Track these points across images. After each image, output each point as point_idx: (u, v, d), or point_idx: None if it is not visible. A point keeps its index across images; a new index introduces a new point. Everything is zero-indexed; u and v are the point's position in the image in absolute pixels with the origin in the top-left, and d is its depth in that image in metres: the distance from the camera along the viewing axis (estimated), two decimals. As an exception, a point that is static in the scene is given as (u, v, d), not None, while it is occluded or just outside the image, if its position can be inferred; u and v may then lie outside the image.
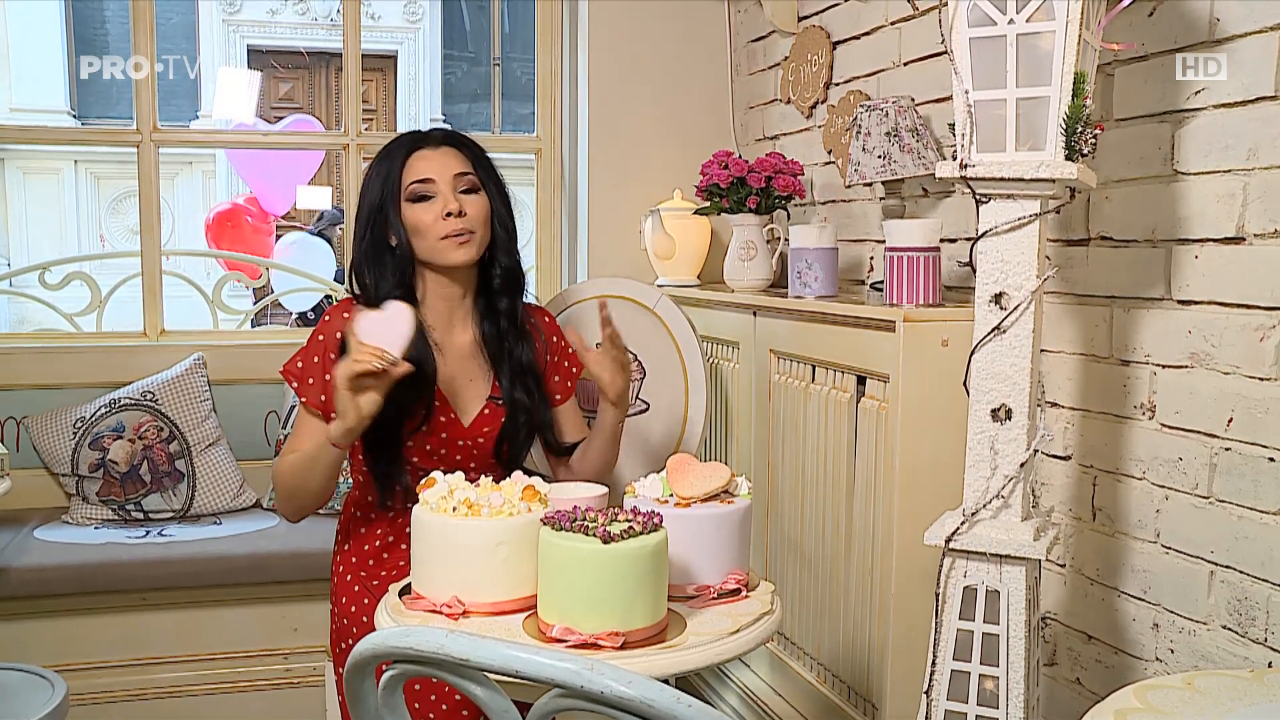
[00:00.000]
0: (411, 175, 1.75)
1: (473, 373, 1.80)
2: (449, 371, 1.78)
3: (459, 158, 1.77)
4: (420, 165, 1.75)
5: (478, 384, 1.80)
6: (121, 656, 2.61)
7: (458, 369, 1.79)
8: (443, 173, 1.74)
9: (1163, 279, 1.66)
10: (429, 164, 1.75)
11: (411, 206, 1.74)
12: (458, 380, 1.79)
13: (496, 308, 1.81)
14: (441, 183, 1.74)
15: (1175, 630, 1.64)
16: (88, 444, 2.83)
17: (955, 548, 1.49)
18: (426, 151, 1.76)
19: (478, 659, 0.87)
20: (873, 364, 1.95)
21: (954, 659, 1.50)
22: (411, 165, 1.75)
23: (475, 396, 1.80)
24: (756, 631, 1.37)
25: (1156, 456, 1.68)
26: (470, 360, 1.81)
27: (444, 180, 1.74)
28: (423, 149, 1.77)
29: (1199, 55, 1.58)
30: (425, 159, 1.76)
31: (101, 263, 6.02)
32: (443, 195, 1.73)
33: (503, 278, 1.81)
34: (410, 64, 10.04)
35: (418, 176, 1.74)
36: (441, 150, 1.77)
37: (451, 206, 1.72)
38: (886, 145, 2.20)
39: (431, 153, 1.76)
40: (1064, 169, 1.39)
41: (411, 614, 1.37)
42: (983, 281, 1.47)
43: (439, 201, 1.73)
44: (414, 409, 1.72)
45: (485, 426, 1.79)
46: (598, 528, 1.25)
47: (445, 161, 1.76)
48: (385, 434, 1.71)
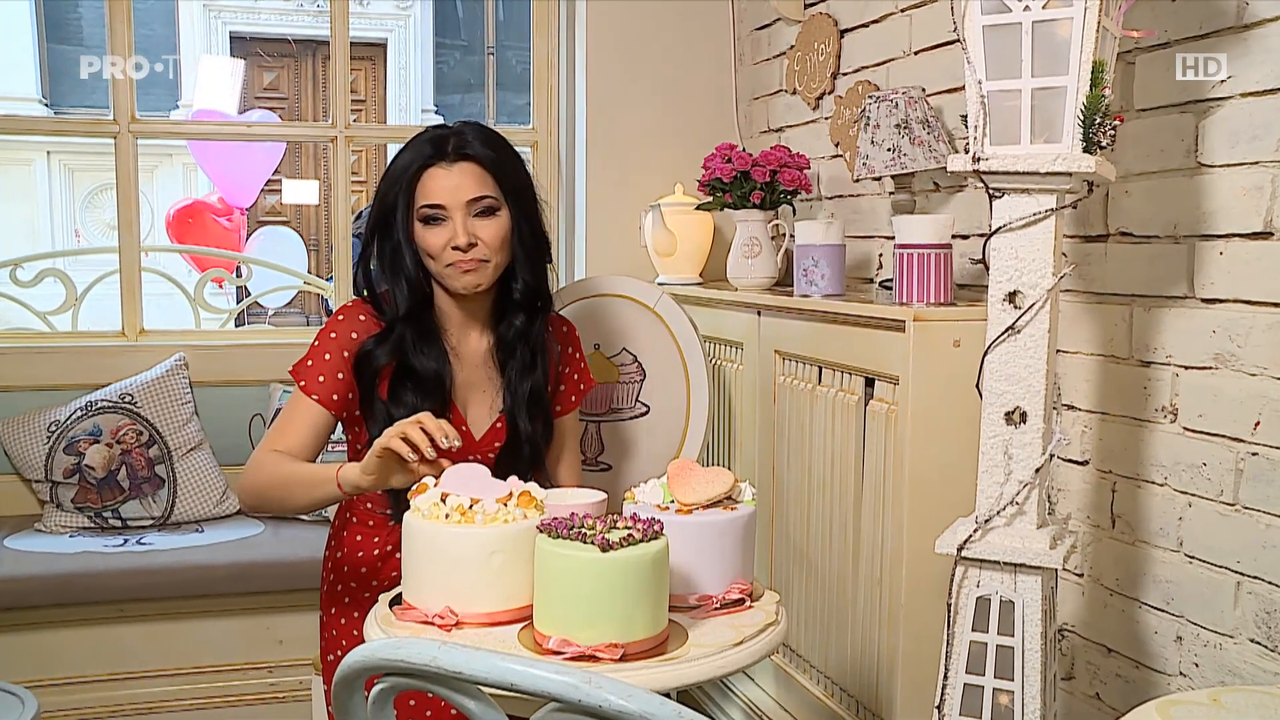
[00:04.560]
0: (422, 197, 1.70)
1: (485, 382, 1.81)
2: (463, 379, 1.78)
3: (475, 177, 1.70)
4: (432, 187, 1.70)
5: (489, 395, 1.81)
6: (97, 671, 2.61)
7: (473, 376, 1.80)
8: (455, 197, 1.69)
9: (1185, 276, 1.66)
10: (441, 186, 1.69)
11: (423, 228, 1.71)
12: (472, 389, 1.80)
13: (513, 322, 1.80)
14: (453, 209, 1.69)
15: (1200, 644, 1.65)
16: (62, 449, 2.83)
17: (968, 556, 1.49)
18: (440, 169, 1.70)
19: (471, 672, 0.87)
20: (882, 365, 1.95)
21: (967, 672, 1.50)
22: (424, 185, 1.70)
23: (487, 408, 1.80)
24: (761, 643, 1.37)
25: (1179, 462, 1.68)
26: (483, 368, 1.81)
27: (455, 206, 1.69)
28: (436, 166, 1.70)
29: (1224, 41, 1.58)
30: (438, 179, 1.70)
31: (77, 259, 6.03)
32: (453, 222, 1.69)
33: (523, 294, 1.78)
34: (400, 53, 10.03)
35: (428, 200, 1.69)
36: (457, 169, 1.70)
37: (459, 240, 1.68)
38: (896, 138, 2.20)
39: (445, 171, 1.70)
40: (1081, 162, 1.39)
41: (402, 625, 1.37)
42: (996, 279, 1.47)
43: (448, 228, 1.69)
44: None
45: (496, 442, 1.79)
46: (596, 535, 1.26)
47: (459, 184, 1.69)
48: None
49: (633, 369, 2.42)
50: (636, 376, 2.42)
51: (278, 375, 2.99)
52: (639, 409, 2.42)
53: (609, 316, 2.42)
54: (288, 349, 2.62)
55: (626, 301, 2.43)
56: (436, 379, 1.73)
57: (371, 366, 1.72)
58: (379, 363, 1.73)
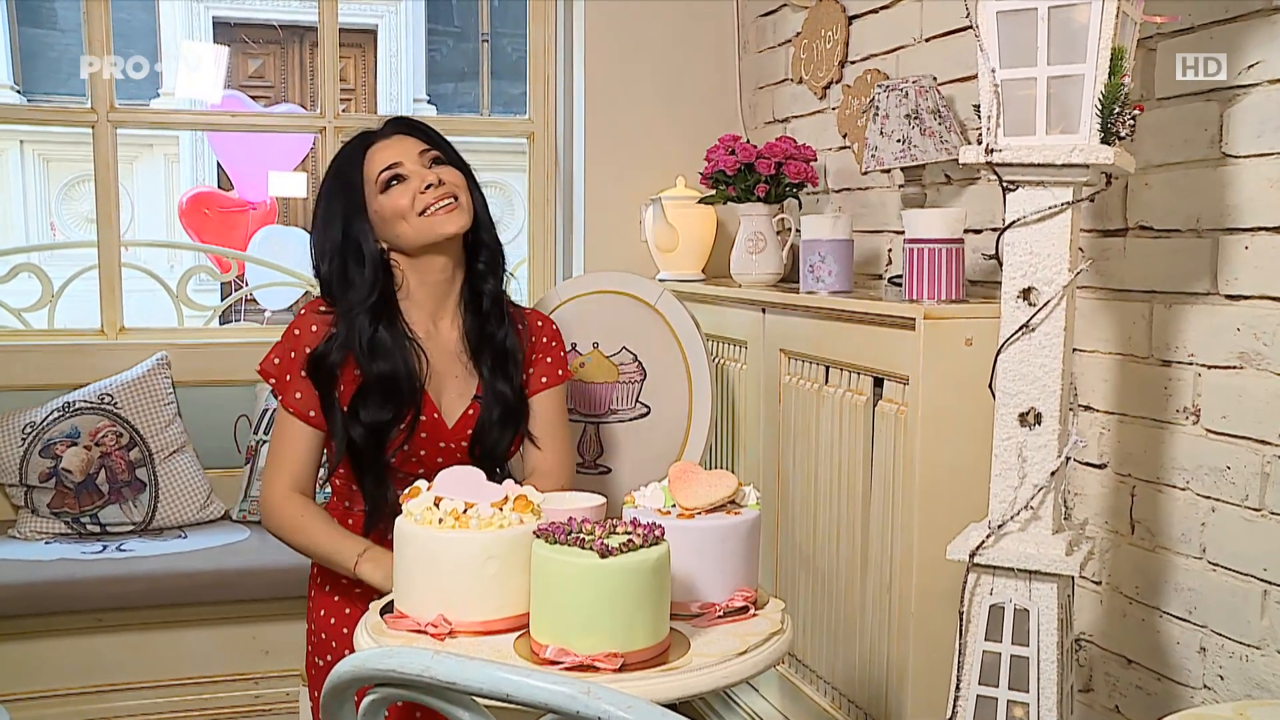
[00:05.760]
0: (375, 166, 1.78)
1: (458, 370, 1.82)
2: (434, 369, 1.79)
3: (416, 141, 1.81)
4: (381, 155, 1.79)
5: (462, 382, 1.82)
6: (75, 684, 2.61)
7: (444, 366, 1.81)
8: (407, 153, 1.78)
9: (1208, 272, 1.67)
10: (390, 151, 1.79)
11: (385, 195, 1.76)
12: (445, 378, 1.81)
13: (481, 291, 1.84)
14: (409, 162, 1.78)
15: (1225, 655, 1.65)
16: (38, 451, 2.83)
17: (980, 563, 1.49)
18: (381, 143, 1.81)
19: (465, 682, 0.87)
20: (891, 364, 1.95)
21: (979, 684, 1.50)
22: (371, 159, 1.79)
23: (460, 395, 1.81)
24: (765, 653, 1.37)
25: (1201, 465, 1.68)
26: (456, 357, 1.82)
27: (410, 159, 1.78)
28: (376, 142, 1.81)
29: (1252, 26, 1.58)
30: (383, 149, 1.79)
31: (53, 254, 6.04)
32: (415, 172, 1.77)
33: (487, 257, 1.85)
34: (391, 40, 10.04)
35: (383, 165, 1.78)
36: (395, 138, 1.81)
37: (429, 178, 1.76)
38: (906, 128, 2.20)
39: (387, 142, 1.80)
40: (1099, 153, 1.40)
41: (394, 634, 1.37)
42: (1010, 275, 1.47)
43: (413, 179, 1.76)
44: (400, 425, 1.74)
45: (469, 428, 1.80)
46: (595, 540, 1.26)
47: (405, 144, 1.80)
48: (371, 451, 1.74)
49: (633, 368, 2.42)
50: (637, 376, 2.42)
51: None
52: (639, 410, 2.42)
53: (608, 314, 2.42)
54: (274, 344, 2.62)
55: (626, 299, 2.43)
56: (392, 385, 1.73)
57: (325, 367, 1.74)
58: (333, 360, 1.74)
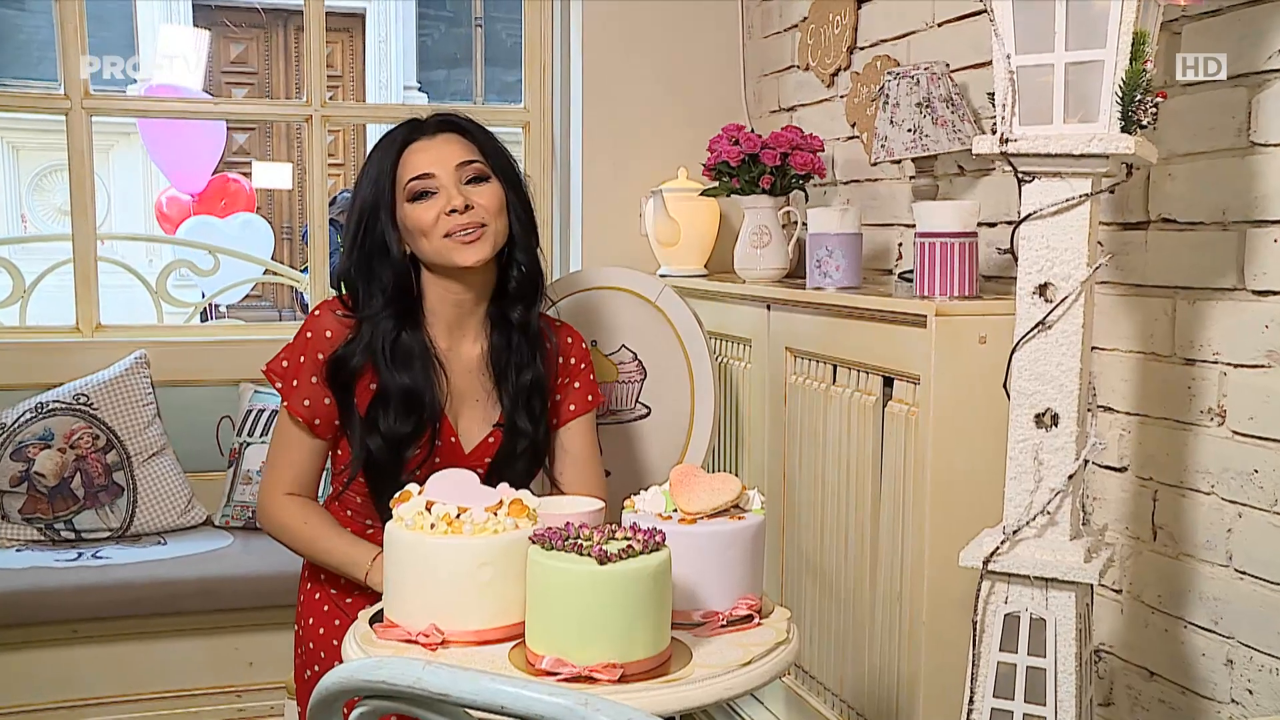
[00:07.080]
0: (408, 171, 1.73)
1: (479, 392, 1.81)
2: (455, 388, 1.78)
3: (461, 144, 1.75)
4: (417, 159, 1.73)
5: (484, 406, 1.81)
6: (49, 698, 2.61)
7: (465, 386, 1.80)
8: (443, 164, 1.73)
9: (1235, 266, 1.67)
10: (426, 156, 1.73)
11: (412, 206, 1.73)
12: (464, 400, 1.80)
13: (509, 316, 1.80)
14: (443, 175, 1.72)
15: (1254, 668, 1.65)
16: (10, 454, 2.83)
17: (995, 570, 1.49)
18: (422, 143, 1.75)
19: (459, 694, 0.88)
20: (901, 363, 1.96)
21: (994, 696, 1.51)
22: (407, 160, 1.74)
23: (480, 420, 1.80)
24: (770, 664, 1.37)
25: (1227, 468, 1.68)
26: (478, 377, 1.81)
27: (445, 172, 1.72)
28: (418, 140, 1.75)
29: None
30: (421, 151, 1.74)
31: (25, 247, 6.04)
32: (445, 190, 1.72)
33: (519, 281, 1.80)
34: (380, 24, 10.03)
35: (415, 172, 1.73)
36: (439, 139, 1.75)
37: (455, 202, 1.70)
38: (917, 117, 2.21)
39: (428, 143, 1.75)
40: (1119, 143, 1.40)
41: (384, 644, 1.37)
42: (1026, 271, 1.48)
43: (441, 197, 1.71)
44: (419, 440, 1.74)
45: (486, 457, 1.80)
46: (593, 546, 1.26)
47: (445, 151, 1.74)
48: (389, 469, 1.73)
49: (632, 367, 2.42)
50: (636, 376, 2.42)
51: (247, 374, 2.99)
52: (639, 410, 2.43)
53: (607, 311, 2.43)
54: (258, 346, 2.63)
55: (626, 295, 2.44)
56: (413, 397, 1.72)
57: (346, 371, 1.73)
58: (354, 365, 1.73)
